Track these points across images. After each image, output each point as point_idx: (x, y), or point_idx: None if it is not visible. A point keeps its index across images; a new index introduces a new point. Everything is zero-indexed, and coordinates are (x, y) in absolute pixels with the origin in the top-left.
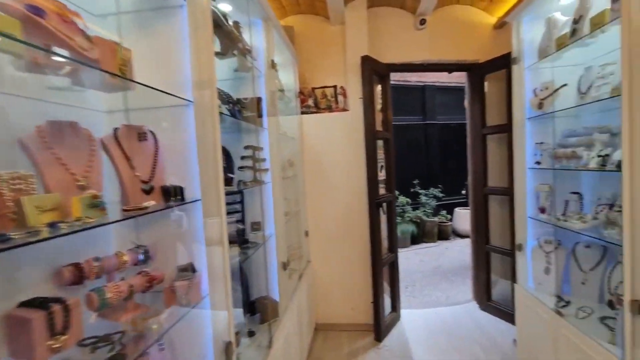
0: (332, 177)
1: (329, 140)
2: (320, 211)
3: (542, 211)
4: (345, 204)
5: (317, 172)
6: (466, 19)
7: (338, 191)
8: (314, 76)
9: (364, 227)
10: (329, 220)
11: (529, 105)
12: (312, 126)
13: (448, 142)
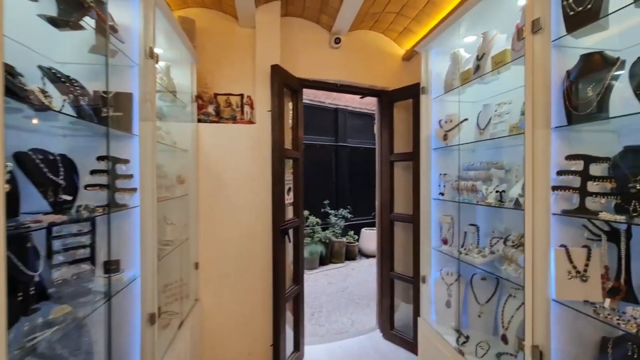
0: (233, 198)
1: (231, 155)
2: (215, 238)
3: (444, 242)
4: (246, 230)
5: (214, 192)
6: (379, 46)
7: (239, 214)
8: (217, 81)
9: (267, 257)
10: (226, 248)
11: (435, 136)
12: (211, 137)
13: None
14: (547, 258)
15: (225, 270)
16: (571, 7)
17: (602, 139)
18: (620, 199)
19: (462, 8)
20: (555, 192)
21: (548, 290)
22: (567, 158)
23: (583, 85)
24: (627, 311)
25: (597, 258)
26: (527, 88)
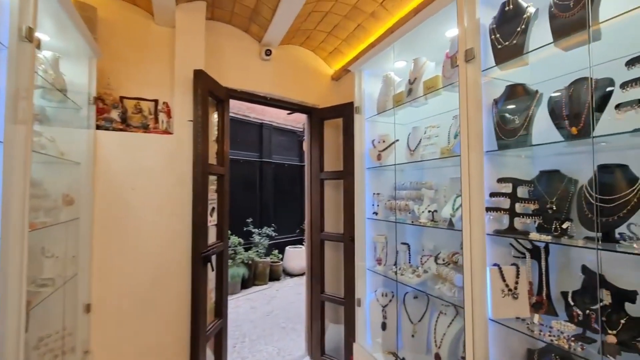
0: (142, 221)
1: (140, 170)
2: (115, 271)
3: (379, 262)
4: (158, 259)
5: (116, 214)
6: (309, 63)
7: (149, 241)
8: (125, 82)
9: (184, 291)
10: (130, 284)
11: (369, 156)
12: (115, 147)
13: (282, 181)
14: (484, 278)
15: (128, 312)
16: (499, 41)
17: (521, 163)
18: (542, 219)
19: (396, 34)
20: (488, 213)
21: (486, 310)
22: (499, 181)
23: (510, 114)
24: (553, 326)
25: (524, 275)
26: (461, 113)
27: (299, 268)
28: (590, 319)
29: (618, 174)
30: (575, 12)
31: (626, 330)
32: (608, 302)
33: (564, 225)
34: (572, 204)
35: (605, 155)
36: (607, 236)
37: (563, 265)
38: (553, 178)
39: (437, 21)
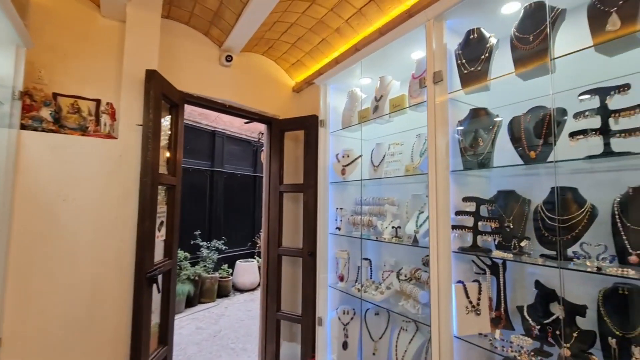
0: (74, 238)
1: (75, 178)
2: (39, 299)
3: (341, 279)
4: (94, 283)
5: (41, 230)
6: (271, 73)
7: (82, 261)
8: (60, 77)
9: (123, 318)
10: (59, 313)
11: (332, 170)
12: (44, 151)
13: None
14: (449, 295)
15: (55, 346)
16: (465, 66)
17: (481, 182)
18: (501, 237)
19: (363, 52)
20: (454, 231)
21: (451, 328)
22: (464, 200)
23: (474, 136)
24: (513, 340)
25: (485, 291)
26: (429, 133)
27: (249, 283)
28: (546, 333)
29: (569, 196)
30: (534, 45)
31: (578, 343)
32: (562, 316)
33: (522, 244)
34: (528, 223)
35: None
36: (563, 255)
37: (518, 280)
38: (509, 198)
39: (403, 43)
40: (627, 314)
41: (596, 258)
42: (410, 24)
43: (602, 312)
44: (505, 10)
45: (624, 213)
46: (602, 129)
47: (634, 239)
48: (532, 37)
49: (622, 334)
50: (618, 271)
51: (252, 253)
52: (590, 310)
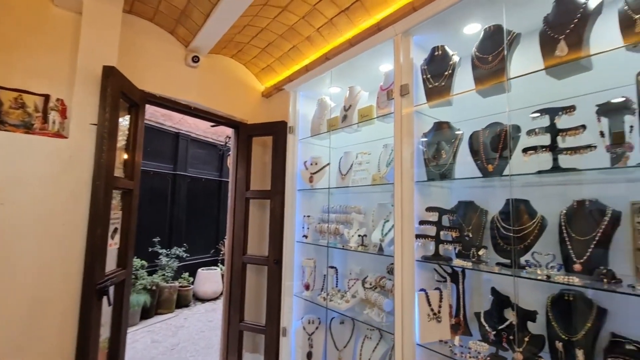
0: (11, 248)
1: (15, 181)
2: None
3: (307, 288)
4: (34, 297)
5: None
6: (240, 77)
7: (18, 272)
8: (3, 68)
9: (69, 338)
10: None
11: (300, 177)
12: None
13: (198, 197)
14: (413, 303)
15: None
16: (430, 81)
17: (443, 193)
18: (461, 246)
19: (333, 61)
20: (417, 240)
21: (414, 335)
22: (427, 210)
23: (437, 148)
24: (471, 346)
25: (446, 298)
26: (396, 144)
27: (211, 292)
28: (501, 338)
29: (522, 208)
30: (493, 65)
31: (529, 347)
32: (515, 322)
33: (480, 252)
34: (485, 232)
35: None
36: (515, 263)
37: (476, 287)
38: (469, 208)
39: (372, 55)
40: (572, 318)
41: (545, 266)
42: (379, 37)
43: (550, 317)
44: (467, 31)
45: (570, 224)
46: (551, 146)
47: (577, 249)
48: (490, 57)
49: (567, 338)
50: (564, 279)
51: (216, 261)
52: (540, 316)
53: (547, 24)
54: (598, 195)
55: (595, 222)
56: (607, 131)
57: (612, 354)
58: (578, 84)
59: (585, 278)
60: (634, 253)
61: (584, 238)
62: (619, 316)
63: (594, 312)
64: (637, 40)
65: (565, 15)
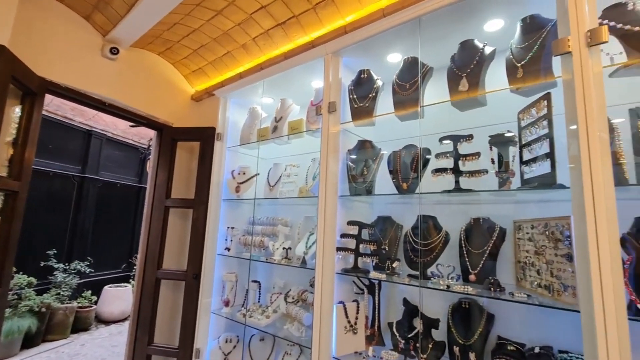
0: None
1: None
2: None
3: (226, 304)
4: None
5: None
6: (166, 76)
7: None
8: None
9: None
10: None
11: (226, 186)
12: None
13: (111, 204)
14: (331, 315)
15: None
16: (356, 101)
17: (364, 208)
18: (378, 259)
19: (267, 72)
20: (338, 252)
21: (330, 348)
22: (349, 223)
23: (360, 164)
24: (382, 356)
25: (363, 310)
26: (322, 158)
27: (118, 312)
28: (409, 347)
29: (430, 224)
30: (409, 93)
31: (433, 352)
32: (421, 330)
33: (394, 265)
34: (400, 246)
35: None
36: (423, 274)
37: (390, 298)
38: (386, 223)
39: (305, 70)
40: (468, 324)
41: (447, 277)
42: (312, 53)
43: (450, 324)
44: (390, 59)
45: (467, 239)
46: (454, 168)
47: (473, 261)
48: (408, 85)
49: (463, 342)
50: (461, 288)
51: (128, 277)
52: (442, 323)
53: (453, 62)
54: (490, 214)
55: (486, 238)
56: (496, 159)
57: (497, 355)
58: (476, 117)
59: (478, 287)
60: (515, 265)
61: (478, 251)
62: (504, 321)
63: (484, 317)
64: (518, 85)
65: (467, 57)
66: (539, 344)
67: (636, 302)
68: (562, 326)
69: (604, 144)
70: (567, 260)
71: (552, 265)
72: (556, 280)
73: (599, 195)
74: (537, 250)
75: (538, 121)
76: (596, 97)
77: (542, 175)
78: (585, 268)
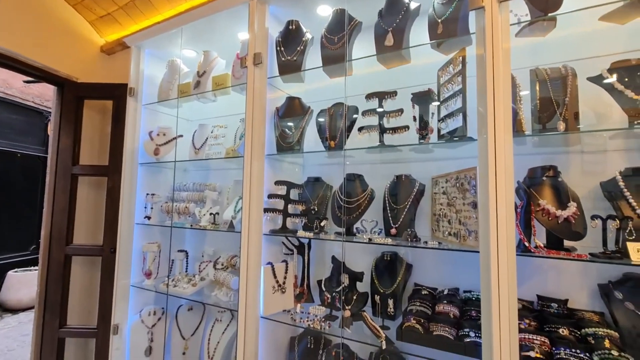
0: None
1: None
2: None
3: (148, 275)
4: None
5: None
6: (67, 20)
7: None
8: None
9: None
10: None
11: (143, 149)
12: None
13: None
14: (259, 277)
15: None
16: (283, 54)
17: (295, 169)
18: (307, 219)
19: (186, 17)
20: (266, 214)
21: (258, 309)
22: (276, 183)
23: (288, 122)
24: (310, 311)
25: (292, 270)
26: (247, 114)
27: (28, 299)
28: (335, 300)
29: (357, 182)
30: (338, 46)
31: (356, 304)
32: (347, 284)
33: (322, 224)
34: (329, 205)
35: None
36: (349, 231)
37: (320, 257)
38: (316, 184)
39: (229, 19)
40: (390, 275)
41: (370, 231)
42: None
43: (374, 276)
44: (320, 12)
45: (390, 195)
46: (380, 126)
47: (395, 216)
48: (336, 39)
49: (384, 291)
50: (381, 240)
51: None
52: (367, 276)
53: (380, 17)
54: (412, 172)
55: (408, 194)
56: (418, 116)
57: (413, 299)
58: (403, 76)
59: (398, 240)
60: (431, 217)
61: (400, 206)
62: (420, 269)
63: (403, 267)
64: (438, 39)
65: (393, 11)
66: (448, 287)
67: (524, 241)
68: (467, 269)
69: (507, 98)
70: (472, 207)
71: (460, 214)
72: (463, 227)
73: (500, 146)
74: (449, 202)
75: (454, 77)
76: (503, 52)
77: (455, 130)
78: (485, 213)
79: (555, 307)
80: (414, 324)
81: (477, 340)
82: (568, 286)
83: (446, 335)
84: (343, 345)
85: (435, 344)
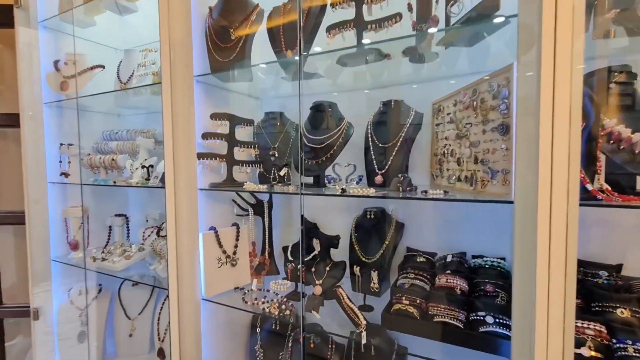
0: None
1: None
2: None
3: (74, 247)
4: None
5: None
6: None
7: None
8: None
9: None
10: None
11: (46, 83)
12: None
13: None
14: (196, 246)
15: None
16: None
17: (248, 103)
18: (262, 168)
19: None
20: (201, 160)
21: (198, 290)
22: (212, 117)
23: (225, 27)
24: (271, 287)
25: (245, 235)
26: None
27: None
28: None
29: (327, 113)
30: None
31: (329, 278)
32: (318, 251)
33: (282, 173)
34: (292, 148)
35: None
36: (318, 180)
37: (285, 218)
38: (277, 121)
39: None
40: (374, 238)
41: (346, 180)
42: None
43: (353, 240)
44: None
45: (375, 131)
46: (356, 19)
47: (381, 158)
48: None
49: (366, 260)
50: (359, 191)
51: None
52: (344, 240)
53: None
54: (405, 97)
55: (399, 126)
56: (415, 4)
57: (405, 269)
58: None
59: (385, 190)
60: (431, 159)
61: (388, 145)
62: (415, 230)
63: (392, 227)
64: None
65: None
66: (452, 252)
67: (585, 182)
68: (477, 227)
69: None
70: (500, 133)
71: (477, 148)
72: (481, 167)
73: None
74: (459, 133)
75: None
76: None
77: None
78: (527, 137)
79: (604, 276)
80: (406, 305)
81: (498, 331)
82: (622, 246)
83: (452, 322)
84: (313, 328)
85: (436, 334)
